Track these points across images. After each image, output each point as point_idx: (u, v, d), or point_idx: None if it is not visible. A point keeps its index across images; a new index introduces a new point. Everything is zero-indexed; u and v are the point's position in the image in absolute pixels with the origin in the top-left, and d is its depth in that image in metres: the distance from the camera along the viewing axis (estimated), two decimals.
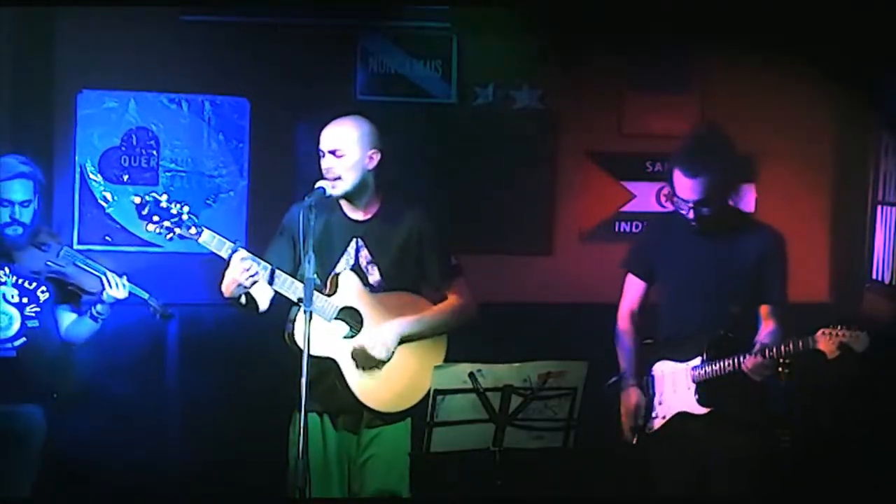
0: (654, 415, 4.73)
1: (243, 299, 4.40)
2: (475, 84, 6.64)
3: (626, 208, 6.77)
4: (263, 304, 4.45)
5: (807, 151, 6.70)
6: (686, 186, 4.53)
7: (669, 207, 6.78)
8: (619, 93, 6.71)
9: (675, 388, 4.69)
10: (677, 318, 4.73)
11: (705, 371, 4.61)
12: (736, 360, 4.51)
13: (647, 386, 4.76)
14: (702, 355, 4.62)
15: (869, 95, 6.35)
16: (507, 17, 6.30)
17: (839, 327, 4.35)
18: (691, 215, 4.57)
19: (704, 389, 4.62)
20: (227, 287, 4.34)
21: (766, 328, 4.64)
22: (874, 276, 6.59)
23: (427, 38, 6.58)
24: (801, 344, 4.41)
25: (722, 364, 4.55)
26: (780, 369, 4.47)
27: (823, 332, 4.37)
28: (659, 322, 4.82)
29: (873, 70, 6.14)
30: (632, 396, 4.72)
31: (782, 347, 4.44)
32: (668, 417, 4.70)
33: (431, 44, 6.59)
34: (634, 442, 4.73)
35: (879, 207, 6.58)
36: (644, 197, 6.77)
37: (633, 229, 6.76)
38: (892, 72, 6.07)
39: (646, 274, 4.84)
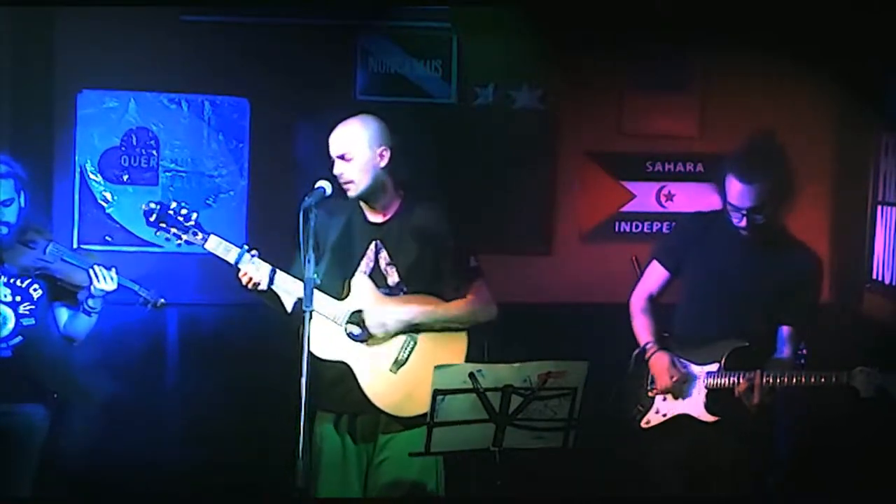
0: (655, 409, 4.71)
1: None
2: (475, 84, 6.64)
3: (626, 208, 6.78)
4: (288, 306, 4.43)
5: (807, 152, 6.70)
6: (740, 193, 4.44)
7: (669, 207, 6.87)
8: (619, 93, 6.72)
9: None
10: (697, 319, 4.68)
11: (720, 380, 4.57)
12: (752, 376, 4.46)
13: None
14: (719, 363, 4.59)
15: (869, 95, 6.35)
16: (507, 17, 6.30)
17: (877, 369, 4.31)
18: (744, 223, 4.49)
19: (715, 397, 4.59)
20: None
21: (784, 352, 4.59)
22: (874, 276, 6.60)
23: (427, 38, 6.59)
24: (834, 378, 4.38)
25: (738, 377, 4.50)
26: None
27: (862, 370, 4.33)
28: (674, 319, 4.78)
29: (873, 70, 6.14)
30: (661, 360, 4.64)
31: (812, 378, 4.40)
32: (669, 416, 4.69)
33: (431, 44, 6.60)
34: (664, 400, 4.67)
35: (879, 207, 6.58)
36: (644, 197, 6.78)
37: (633, 229, 6.77)
38: (892, 72, 6.07)
39: (673, 267, 4.76)
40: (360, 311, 4.43)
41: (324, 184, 4.39)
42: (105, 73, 6.29)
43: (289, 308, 4.39)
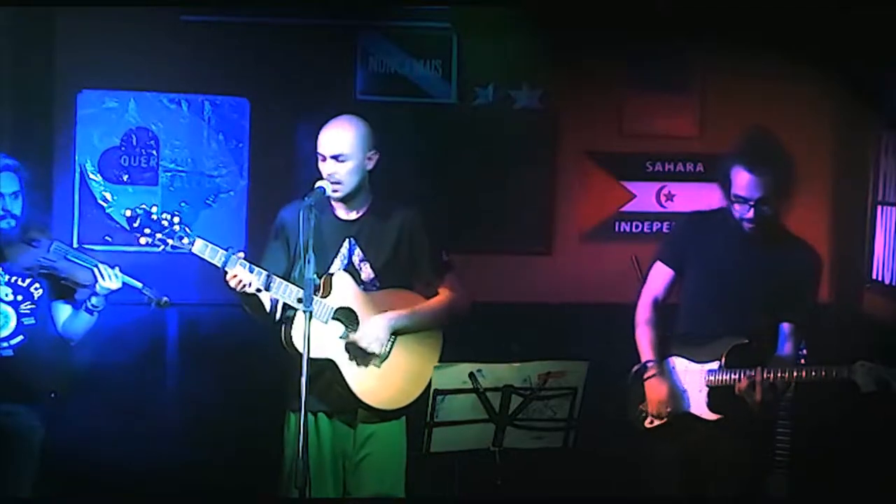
0: None
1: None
2: (475, 84, 6.64)
3: (626, 208, 6.77)
4: (267, 306, 4.44)
5: (807, 152, 6.69)
6: (748, 183, 4.45)
7: (669, 207, 6.87)
8: (619, 93, 6.71)
9: (686, 388, 4.66)
10: (698, 318, 4.67)
11: (721, 378, 4.55)
12: (754, 373, 4.46)
13: (668, 376, 4.68)
14: (719, 360, 4.58)
15: (869, 95, 6.35)
16: (507, 17, 6.30)
17: (880, 363, 4.31)
18: (751, 214, 4.48)
19: (717, 395, 4.57)
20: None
21: (785, 350, 4.61)
22: (874, 276, 6.59)
23: (427, 38, 6.59)
24: (834, 373, 4.38)
25: (739, 374, 4.50)
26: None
27: (863, 365, 4.32)
28: (676, 317, 4.77)
29: (873, 70, 6.14)
30: (659, 387, 4.61)
31: (812, 372, 4.40)
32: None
33: (431, 44, 6.60)
34: (649, 424, 4.66)
35: (879, 207, 6.58)
36: (644, 197, 6.78)
37: (633, 229, 6.77)
38: (892, 72, 6.07)
39: (677, 266, 4.75)
40: (345, 308, 4.44)
41: (323, 184, 4.41)
42: (105, 73, 6.29)
43: (267, 307, 4.41)
